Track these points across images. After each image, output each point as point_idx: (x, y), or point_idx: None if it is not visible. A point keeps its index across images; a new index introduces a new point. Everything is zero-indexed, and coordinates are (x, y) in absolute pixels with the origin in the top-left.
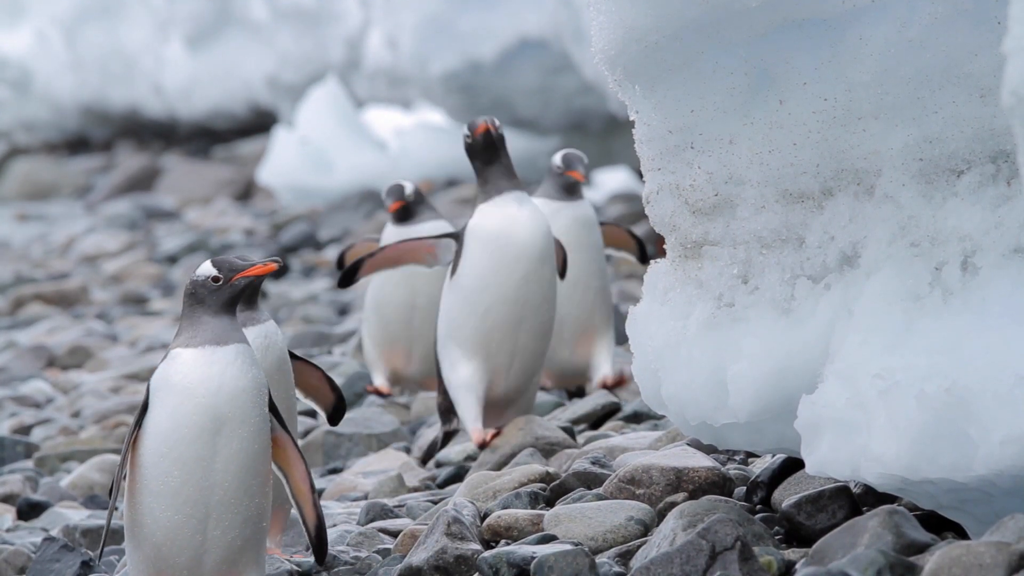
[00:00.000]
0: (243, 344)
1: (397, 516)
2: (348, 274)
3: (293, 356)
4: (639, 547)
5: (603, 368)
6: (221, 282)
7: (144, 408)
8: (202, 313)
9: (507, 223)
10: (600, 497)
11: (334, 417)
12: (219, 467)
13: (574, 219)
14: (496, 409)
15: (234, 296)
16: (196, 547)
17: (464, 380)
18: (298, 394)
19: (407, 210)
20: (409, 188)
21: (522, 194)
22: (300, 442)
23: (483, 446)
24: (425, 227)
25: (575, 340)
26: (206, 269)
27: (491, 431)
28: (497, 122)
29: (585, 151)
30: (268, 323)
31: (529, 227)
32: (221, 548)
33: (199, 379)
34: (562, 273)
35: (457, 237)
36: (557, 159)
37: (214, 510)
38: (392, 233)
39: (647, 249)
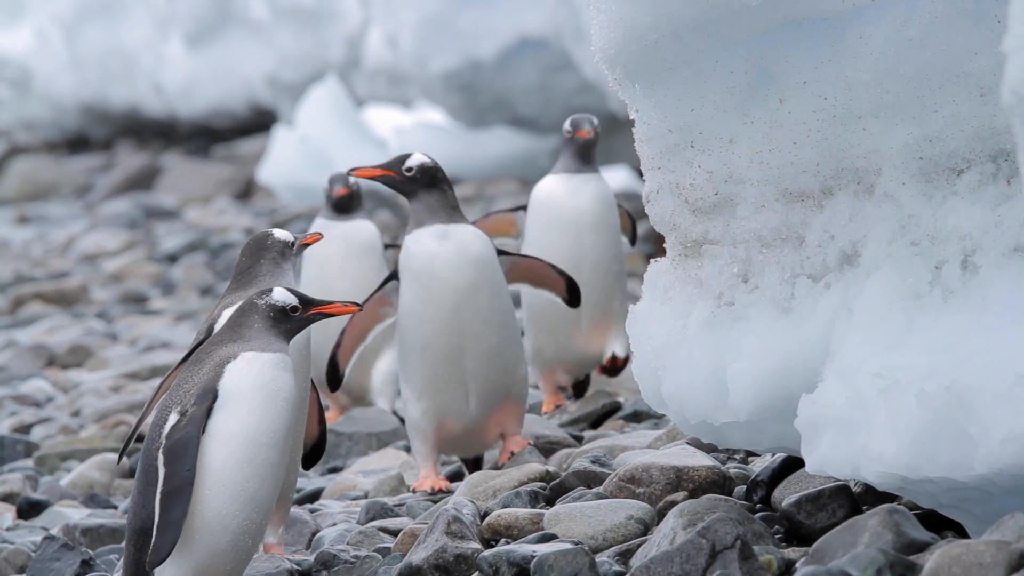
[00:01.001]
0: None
1: (397, 515)
2: (333, 376)
3: None
4: (639, 546)
5: (615, 347)
6: (299, 312)
7: (208, 411)
8: (263, 325)
9: (428, 260)
10: (600, 496)
11: (309, 457)
12: (281, 474)
13: (595, 198)
14: (473, 437)
15: (301, 327)
16: (245, 553)
17: (414, 421)
18: None
19: (349, 200)
20: (352, 178)
21: (444, 228)
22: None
23: (433, 492)
24: (355, 224)
25: (592, 326)
26: (285, 297)
27: (442, 480)
28: (428, 160)
29: None
30: None
31: (454, 261)
32: (247, 557)
33: (281, 386)
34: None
35: (395, 275)
36: (567, 124)
37: (264, 517)
38: (320, 226)
39: (637, 230)
